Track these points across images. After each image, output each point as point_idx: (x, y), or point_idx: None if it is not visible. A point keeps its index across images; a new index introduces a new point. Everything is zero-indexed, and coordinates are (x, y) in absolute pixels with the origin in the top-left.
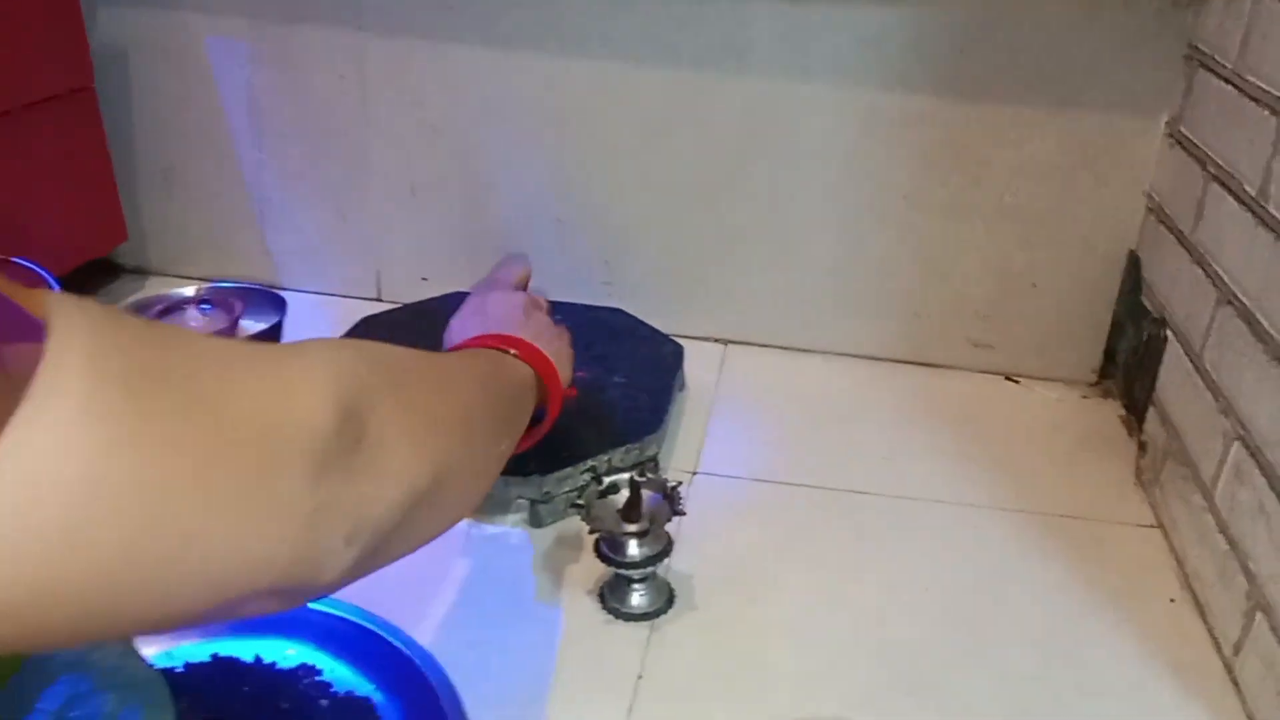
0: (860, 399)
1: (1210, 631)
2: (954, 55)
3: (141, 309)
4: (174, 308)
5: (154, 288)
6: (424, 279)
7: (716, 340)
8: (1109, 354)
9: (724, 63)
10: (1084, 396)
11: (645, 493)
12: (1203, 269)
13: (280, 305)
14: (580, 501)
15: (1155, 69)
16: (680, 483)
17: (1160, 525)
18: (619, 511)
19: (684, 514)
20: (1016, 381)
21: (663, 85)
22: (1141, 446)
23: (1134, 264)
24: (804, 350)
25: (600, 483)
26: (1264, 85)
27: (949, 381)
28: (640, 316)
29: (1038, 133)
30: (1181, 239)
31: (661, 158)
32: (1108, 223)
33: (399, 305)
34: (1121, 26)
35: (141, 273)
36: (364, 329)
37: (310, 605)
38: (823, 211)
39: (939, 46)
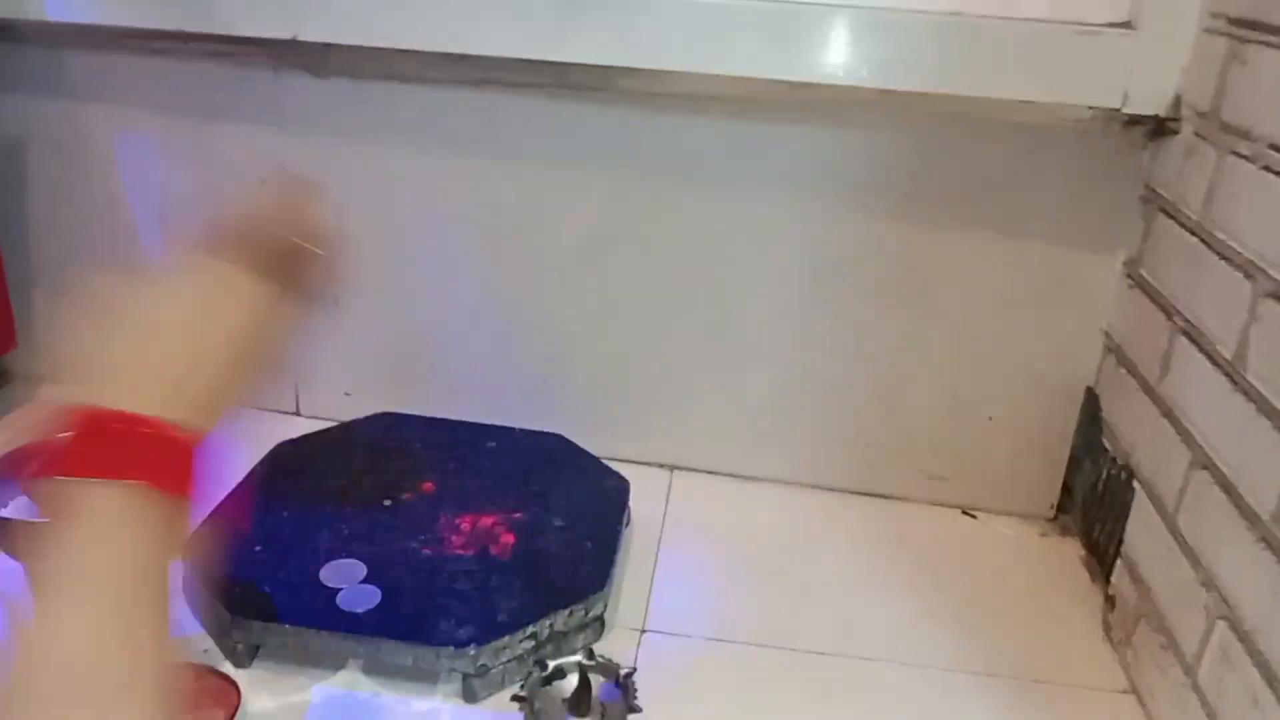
0: (813, 534)
1: None
2: (906, 180)
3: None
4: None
5: (48, 395)
6: (347, 394)
7: (661, 465)
8: (1066, 488)
9: (671, 173)
10: (1042, 534)
11: (595, 679)
12: (1172, 424)
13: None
14: (522, 693)
15: (1111, 207)
16: (634, 669)
17: (1135, 691)
18: (565, 701)
19: (639, 710)
20: (974, 516)
21: (607, 194)
22: (1109, 600)
23: (1092, 400)
24: (753, 479)
25: (544, 667)
26: (1234, 244)
27: (903, 515)
28: (580, 440)
29: (988, 262)
30: (1147, 388)
31: (603, 271)
32: (1062, 357)
33: (320, 426)
34: (1075, 161)
35: (34, 379)
36: (278, 459)
37: None
38: (772, 334)
39: (892, 171)
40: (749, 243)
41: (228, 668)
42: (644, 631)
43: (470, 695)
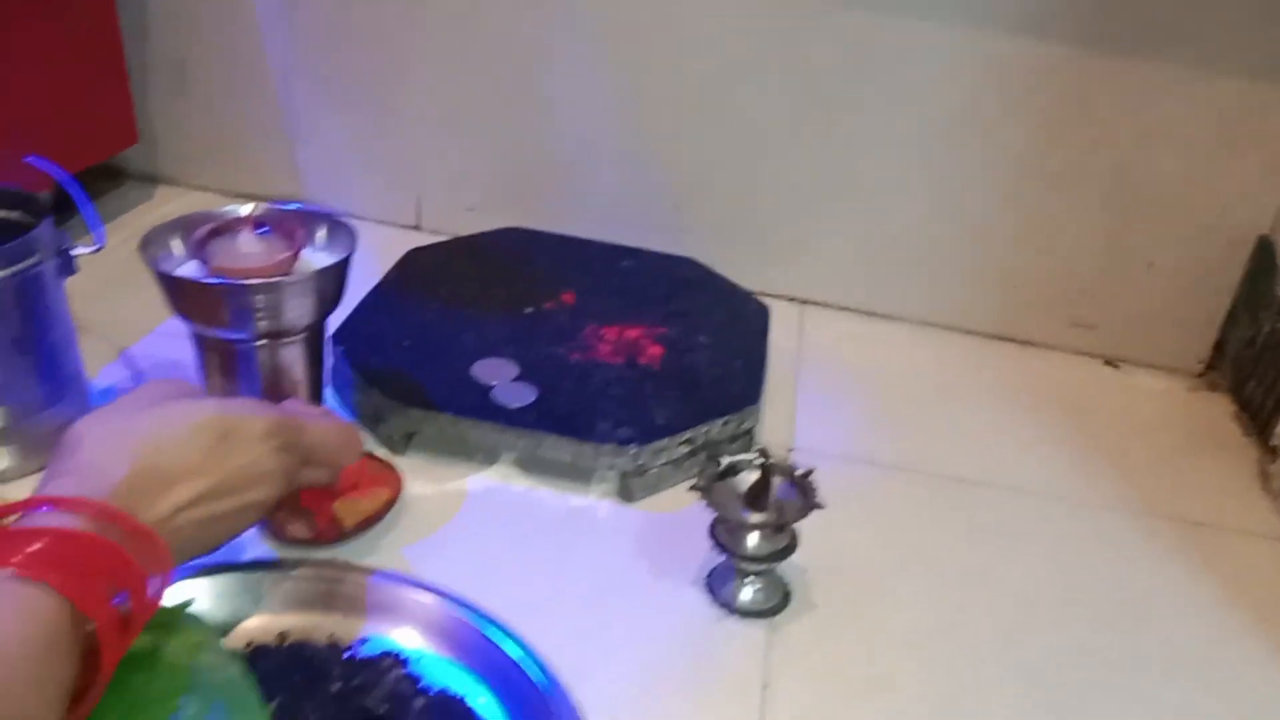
0: (952, 375)
1: None
2: (1089, 1)
3: (187, 227)
4: (225, 229)
5: (163, 197)
6: (469, 209)
7: (791, 299)
8: (1219, 344)
9: None
10: (1190, 389)
11: (775, 479)
12: None
13: (350, 236)
14: (699, 484)
15: None
16: (813, 470)
17: None
18: (742, 497)
19: (822, 507)
20: (1116, 367)
21: (749, 12)
22: (1270, 451)
23: (1264, 250)
24: (888, 317)
25: (718, 463)
26: None
27: (1044, 362)
28: (712, 268)
29: (1169, 98)
30: None
31: (746, 91)
32: (1238, 204)
33: (445, 238)
34: None
35: (149, 179)
36: (411, 264)
37: (393, 585)
38: (921, 166)
39: None
40: (903, 65)
41: (383, 455)
42: (791, 450)
43: (627, 495)
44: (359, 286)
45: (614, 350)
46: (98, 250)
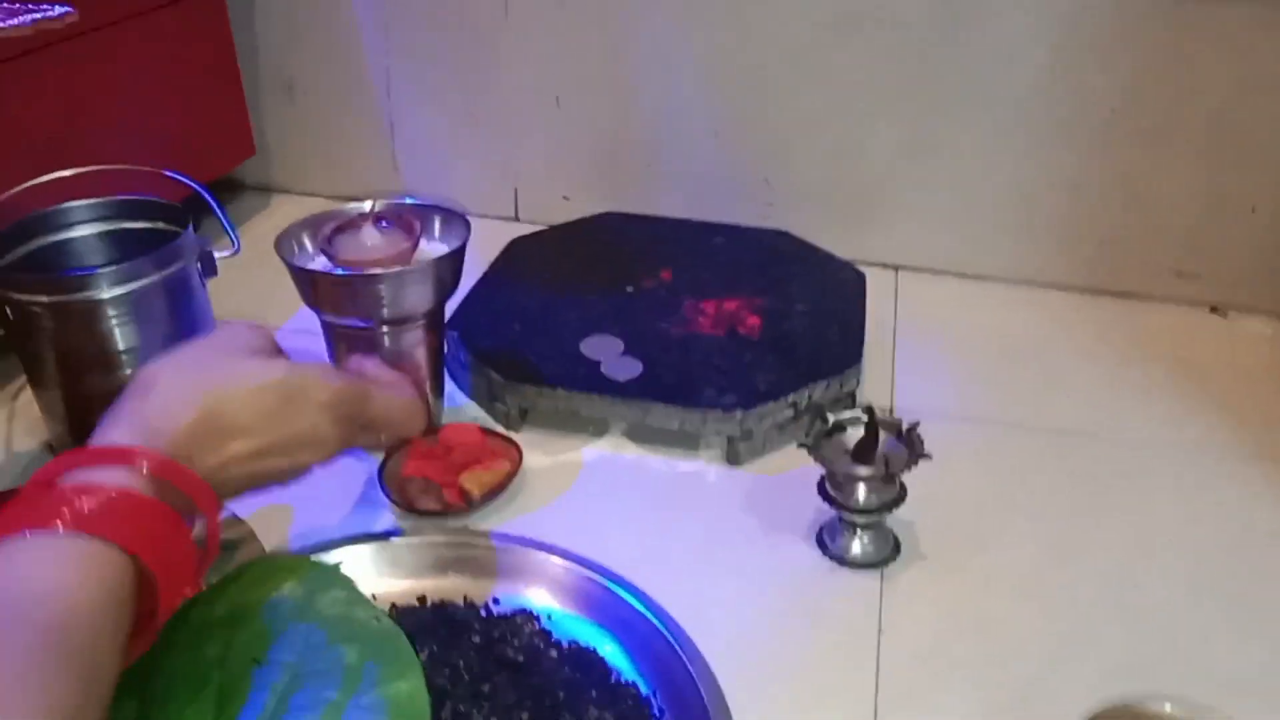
0: (1051, 331)
1: None
2: None
3: (314, 226)
4: (349, 225)
5: (278, 204)
6: (565, 198)
7: (885, 266)
8: None
9: None
10: None
11: (881, 433)
12: None
13: (464, 226)
14: (807, 441)
15: None
16: (918, 423)
17: None
18: (849, 452)
19: (929, 457)
20: (1223, 314)
21: None
22: None
23: None
24: (982, 277)
25: (826, 421)
26: None
27: (1146, 313)
28: (805, 239)
29: (1267, 40)
30: None
31: (832, 59)
32: None
33: (542, 227)
34: None
35: (264, 189)
36: (514, 253)
37: (523, 549)
38: (1013, 123)
39: None
40: (992, 20)
41: (501, 432)
42: (893, 410)
43: (734, 458)
44: (467, 276)
45: (714, 322)
46: (234, 254)
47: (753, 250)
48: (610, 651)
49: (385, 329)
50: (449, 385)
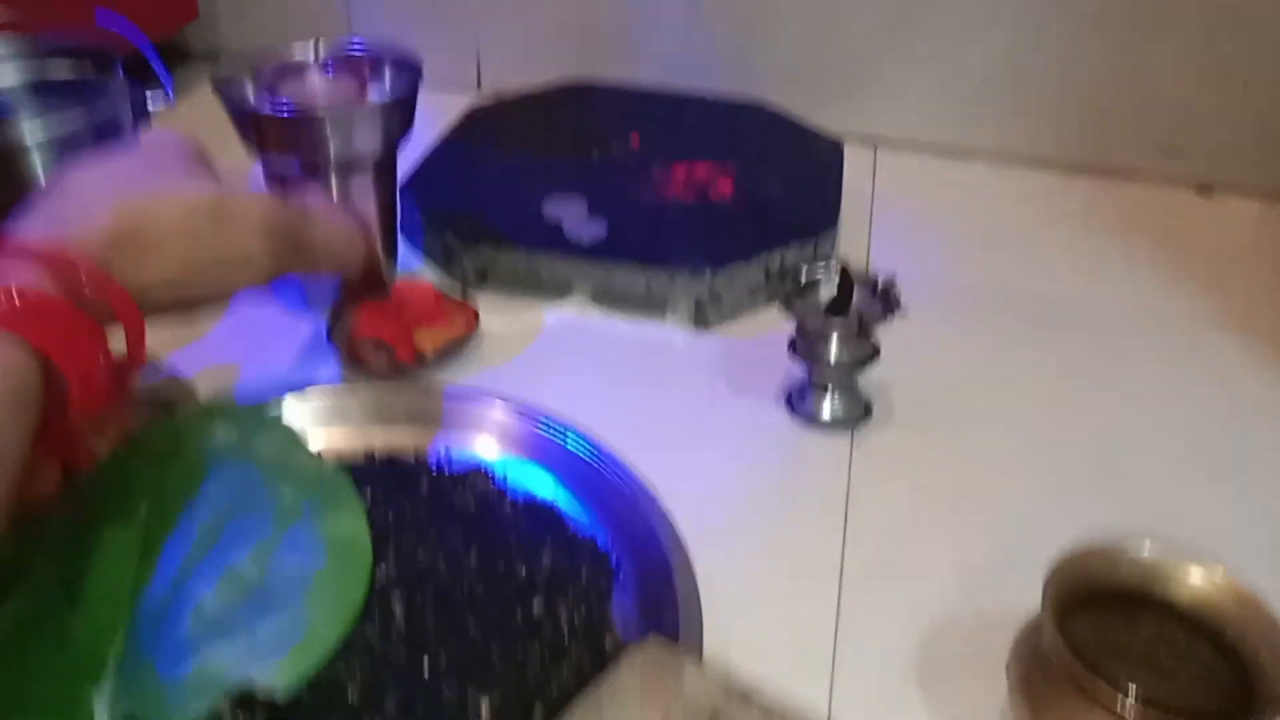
0: (1035, 207)
1: None
2: None
3: (257, 67)
4: (291, 70)
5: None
6: (529, 67)
7: (865, 140)
8: None
9: None
10: None
11: (856, 287)
12: None
13: (414, 71)
14: (780, 296)
15: None
16: (894, 276)
17: None
18: (822, 309)
19: (904, 310)
20: (1209, 194)
21: None
22: None
23: None
24: (965, 154)
25: (799, 276)
26: None
27: (1131, 191)
28: (782, 110)
29: None
30: None
31: None
32: None
33: (507, 97)
34: None
35: (212, 56)
36: (475, 119)
37: (474, 403)
38: None
39: None
40: None
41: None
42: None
43: (702, 322)
44: (424, 140)
45: (684, 188)
46: (169, 106)
47: (727, 120)
48: (569, 508)
49: (332, 175)
50: (403, 248)
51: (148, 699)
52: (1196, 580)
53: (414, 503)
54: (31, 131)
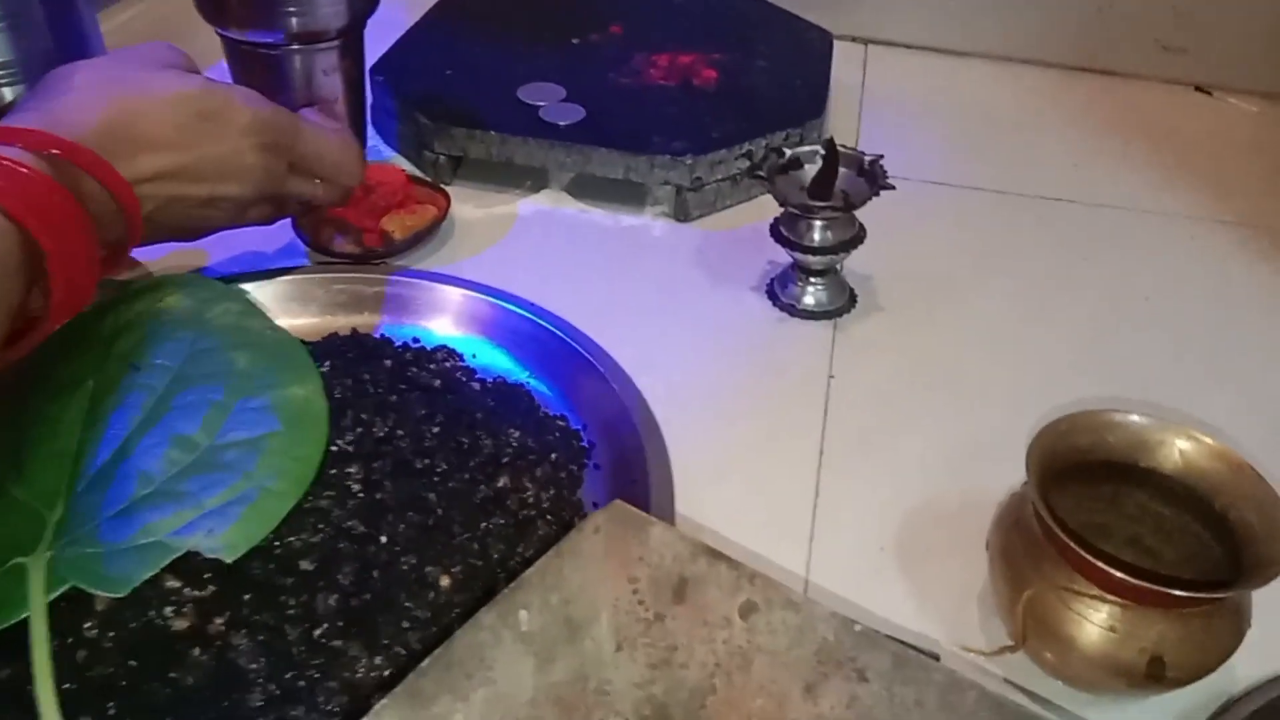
0: (1031, 106)
1: None
2: None
3: None
4: None
5: None
6: None
7: (854, 39)
8: None
9: None
10: None
11: (840, 166)
12: None
13: None
14: (761, 173)
15: None
16: (881, 155)
17: None
18: (806, 188)
19: (892, 188)
20: (1208, 93)
21: None
22: None
23: None
24: (959, 53)
25: (782, 155)
26: None
27: (1130, 90)
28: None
29: None
30: None
31: None
32: None
33: None
34: None
35: None
36: (449, 4)
37: (445, 286)
38: None
39: None
40: None
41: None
42: None
43: (683, 212)
44: (396, 29)
45: (666, 74)
46: None
47: (713, 9)
48: (540, 389)
49: (295, 47)
50: (373, 138)
51: (87, 567)
52: (1187, 447)
53: (375, 376)
54: None
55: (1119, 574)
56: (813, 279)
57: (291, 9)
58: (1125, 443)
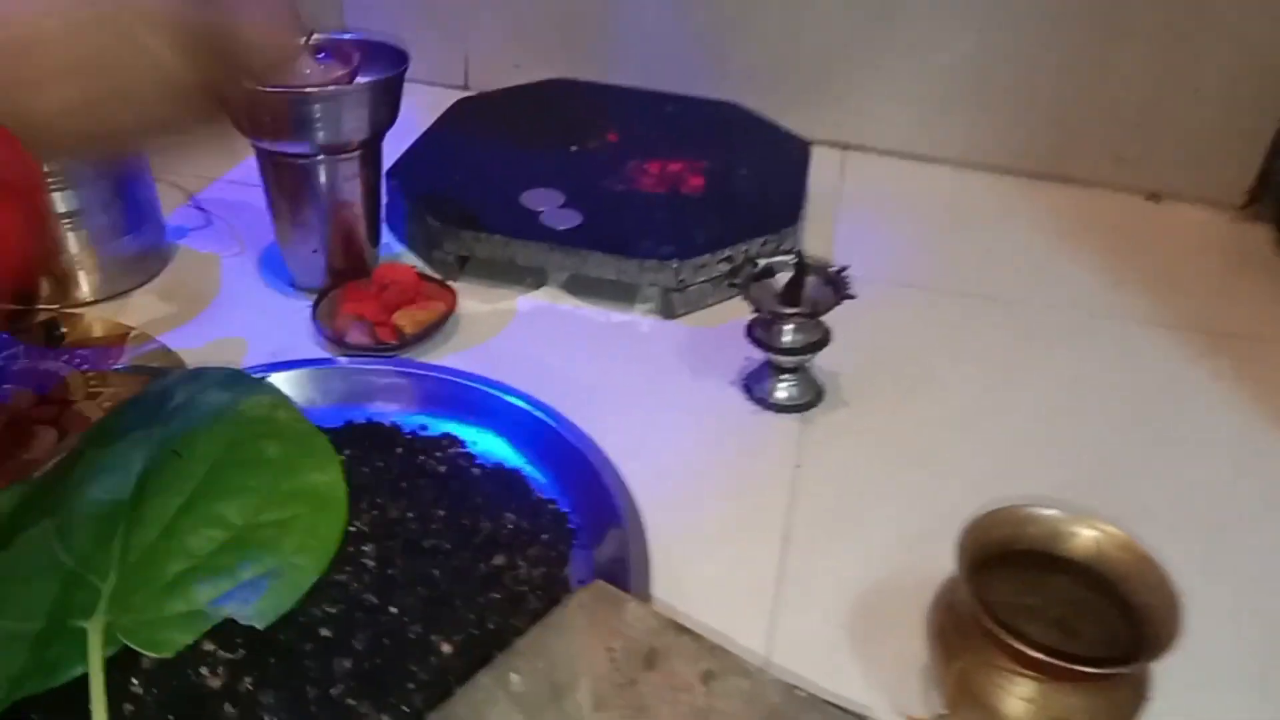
0: (992, 211)
1: None
2: None
3: None
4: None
5: None
6: (516, 66)
7: (834, 144)
8: (1263, 176)
9: None
10: (1232, 220)
11: (809, 275)
12: None
13: (401, 58)
14: (737, 281)
15: None
16: (847, 266)
17: None
18: (778, 295)
19: (854, 297)
20: (1157, 200)
21: None
22: None
23: None
24: (930, 159)
25: (755, 265)
26: None
27: (1085, 198)
28: (754, 111)
29: None
30: None
31: None
32: None
33: (492, 92)
34: None
35: None
36: (460, 112)
37: (448, 377)
38: (966, 2)
39: None
40: None
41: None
42: None
43: (669, 309)
44: (410, 133)
45: (657, 181)
46: None
47: (701, 119)
48: (533, 475)
49: (321, 157)
50: (386, 235)
51: (139, 631)
52: (1094, 538)
53: (388, 463)
54: None
55: (1032, 652)
56: (784, 375)
57: (319, 125)
58: (1044, 534)
